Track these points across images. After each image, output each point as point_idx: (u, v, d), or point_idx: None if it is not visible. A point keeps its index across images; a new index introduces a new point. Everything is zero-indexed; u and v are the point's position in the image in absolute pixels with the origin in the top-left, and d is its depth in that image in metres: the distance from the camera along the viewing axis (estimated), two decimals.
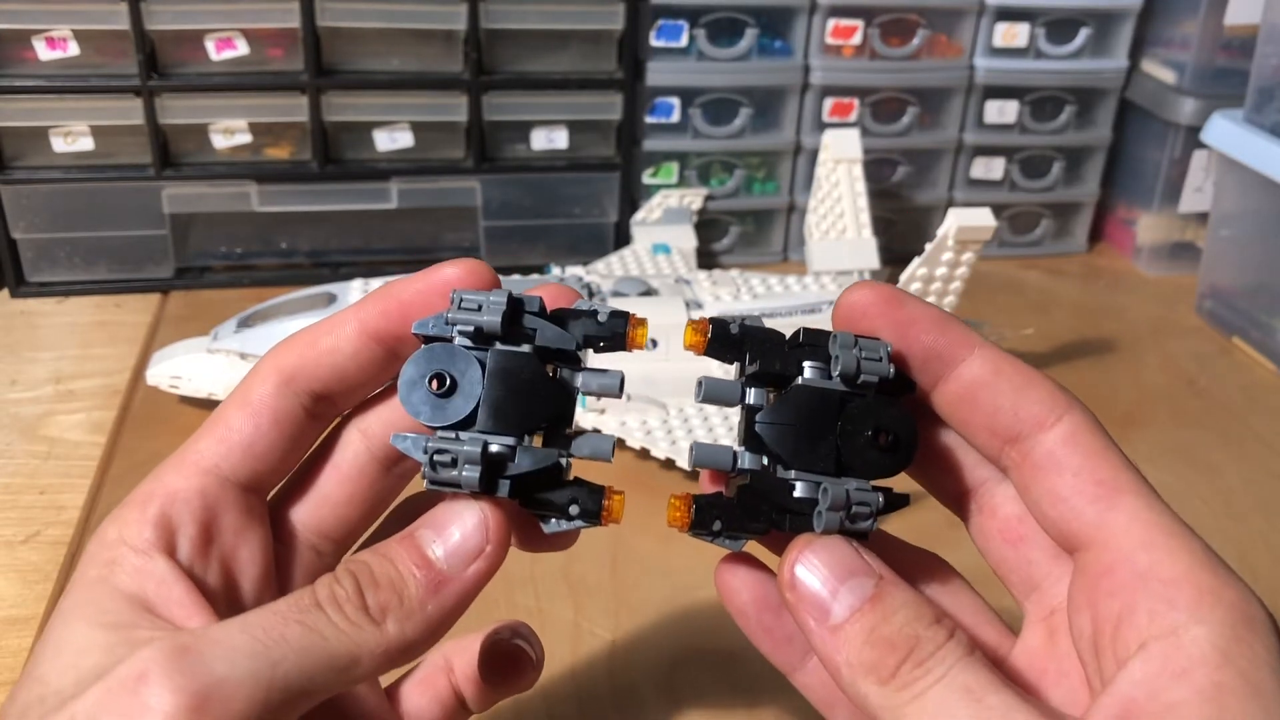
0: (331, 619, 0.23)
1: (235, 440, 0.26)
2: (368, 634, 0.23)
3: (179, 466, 0.26)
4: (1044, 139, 0.89)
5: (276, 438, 0.26)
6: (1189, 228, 0.90)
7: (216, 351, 0.63)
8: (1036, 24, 0.85)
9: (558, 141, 0.81)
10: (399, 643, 0.24)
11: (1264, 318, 0.79)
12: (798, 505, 0.25)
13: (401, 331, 0.27)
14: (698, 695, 0.47)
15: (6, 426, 0.63)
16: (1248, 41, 0.80)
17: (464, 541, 0.25)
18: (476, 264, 0.27)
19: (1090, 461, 0.25)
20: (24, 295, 0.77)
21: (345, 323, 0.27)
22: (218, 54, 0.74)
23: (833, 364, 0.25)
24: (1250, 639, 0.22)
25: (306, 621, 0.23)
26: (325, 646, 0.22)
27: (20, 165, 0.75)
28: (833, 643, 0.24)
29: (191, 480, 0.26)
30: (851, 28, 0.82)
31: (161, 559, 0.24)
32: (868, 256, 0.74)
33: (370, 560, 0.24)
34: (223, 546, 0.26)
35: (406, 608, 0.24)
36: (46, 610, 0.50)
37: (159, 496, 0.25)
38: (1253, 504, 0.62)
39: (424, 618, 0.24)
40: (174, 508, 0.25)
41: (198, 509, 0.25)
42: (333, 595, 0.23)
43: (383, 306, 0.27)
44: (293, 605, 0.23)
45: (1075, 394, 0.26)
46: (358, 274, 0.70)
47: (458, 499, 0.25)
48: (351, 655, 0.23)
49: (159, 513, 0.25)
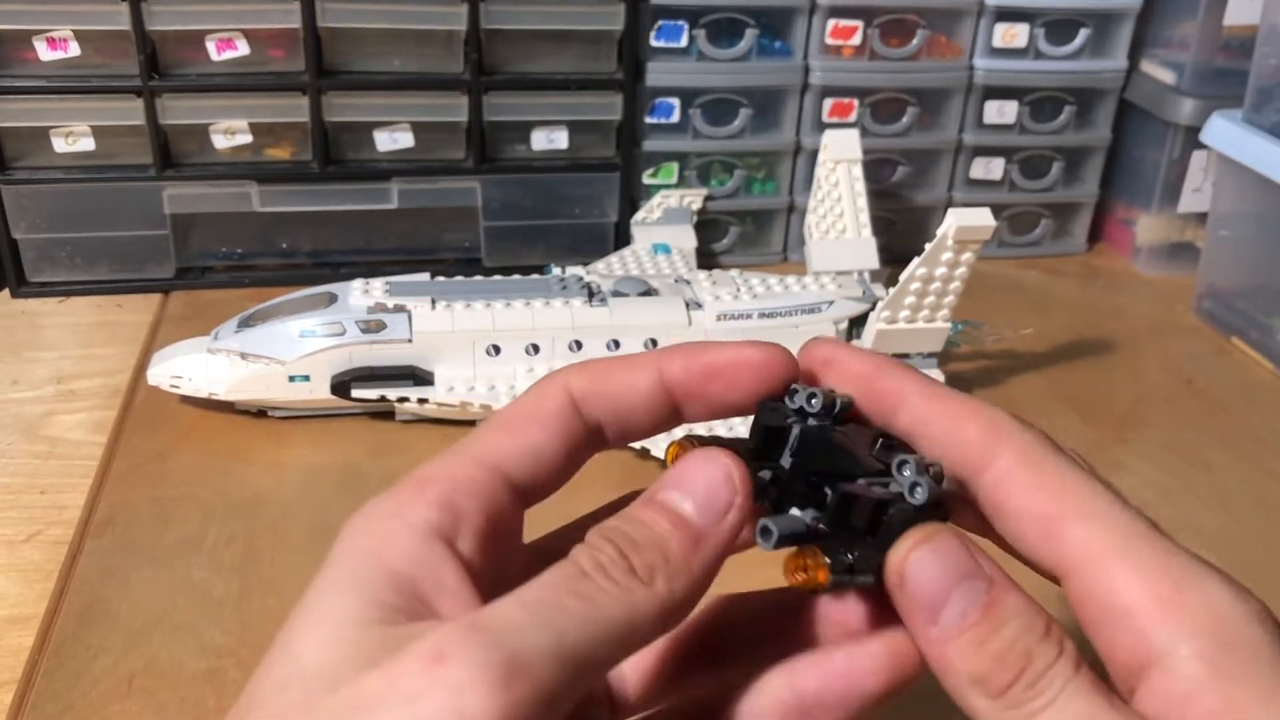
0: (602, 585, 0.22)
1: (523, 441, 0.25)
2: (640, 596, 0.22)
3: (459, 455, 0.25)
4: (1043, 139, 0.89)
5: (562, 450, 0.26)
6: (1188, 228, 0.90)
7: (217, 351, 0.63)
8: (1036, 24, 0.85)
9: (558, 142, 0.81)
10: (670, 601, 0.23)
11: (1262, 318, 0.79)
12: (882, 498, 0.24)
13: (697, 390, 0.27)
14: None
15: (7, 426, 0.63)
16: (1247, 42, 0.81)
17: (713, 495, 0.24)
18: (782, 352, 0.27)
19: (1028, 498, 0.24)
20: (25, 295, 0.77)
21: (646, 365, 0.27)
22: (218, 54, 0.74)
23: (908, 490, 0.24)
24: (1238, 639, 0.21)
25: (580, 591, 0.22)
26: (603, 614, 0.22)
27: (21, 165, 0.75)
28: (940, 649, 0.24)
29: (477, 471, 0.24)
30: (851, 28, 0.82)
31: (440, 544, 0.23)
32: (868, 256, 0.74)
33: (624, 526, 0.23)
34: (499, 544, 0.24)
35: (673, 566, 0.23)
36: (47, 610, 0.50)
37: (440, 480, 0.24)
38: (1251, 504, 0.63)
39: (689, 575, 0.23)
40: (458, 495, 0.24)
41: (486, 503, 0.24)
42: (598, 562, 0.22)
43: (687, 363, 0.27)
44: (561, 577, 0.22)
45: (1023, 412, 0.26)
46: (358, 274, 0.70)
47: (693, 456, 0.25)
48: (629, 620, 0.22)
49: (442, 496, 0.23)
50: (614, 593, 0.22)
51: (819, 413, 0.25)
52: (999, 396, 0.71)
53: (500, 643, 0.20)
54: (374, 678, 0.20)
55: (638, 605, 0.22)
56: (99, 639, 0.49)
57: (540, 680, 0.20)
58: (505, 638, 0.20)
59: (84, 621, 0.50)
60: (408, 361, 0.63)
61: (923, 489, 0.24)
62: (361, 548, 0.23)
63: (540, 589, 0.22)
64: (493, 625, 0.20)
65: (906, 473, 0.24)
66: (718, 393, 0.26)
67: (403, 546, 0.23)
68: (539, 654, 0.20)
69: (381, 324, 0.63)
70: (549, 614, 0.21)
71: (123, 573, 0.53)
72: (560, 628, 0.21)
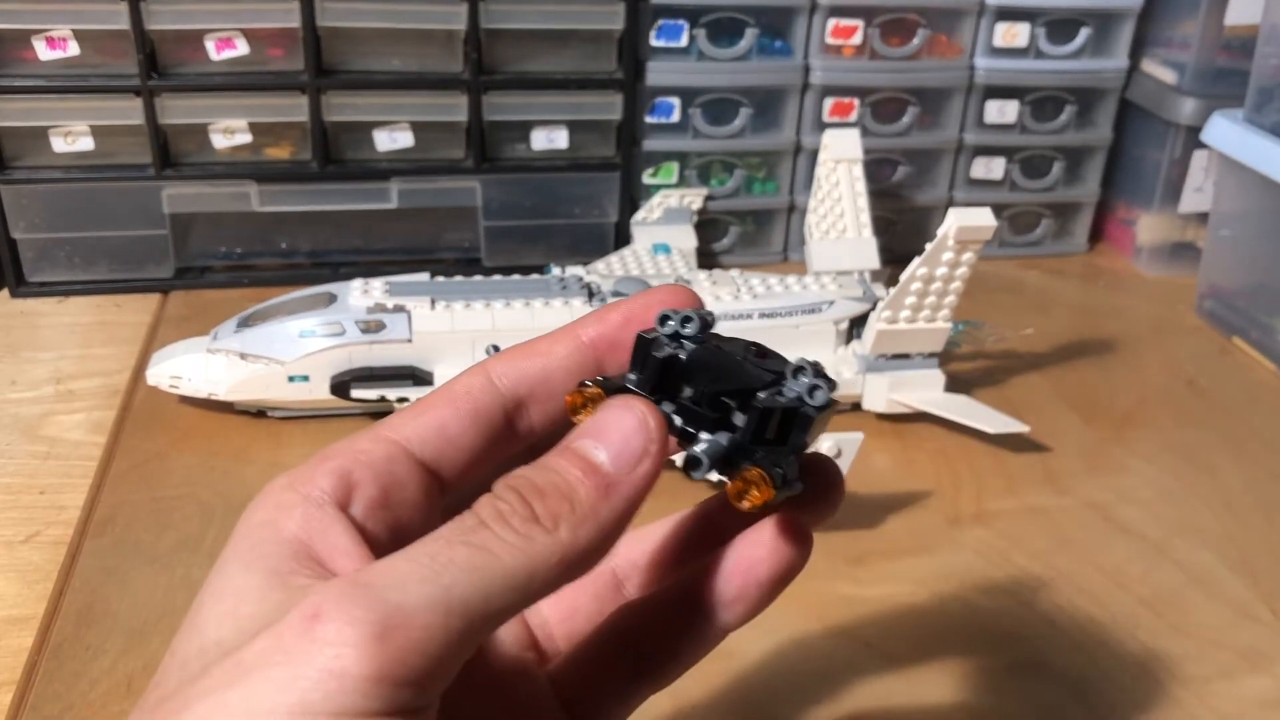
0: (499, 534, 0.22)
1: (430, 418, 0.25)
2: (540, 543, 0.22)
3: (366, 434, 0.25)
4: (1044, 139, 0.89)
5: (470, 426, 0.26)
6: (1189, 228, 0.90)
7: (216, 351, 0.63)
8: (1036, 24, 0.85)
9: (558, 141, 0.81)
10: (574, 549, 0.23)
11: (1264, 318, 0.79)
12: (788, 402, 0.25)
13: (614, 338, 0.27)
14: (696, 694, 0.47)
15: (7, 426, 0.63)
16: (1248, 41, 0.80)
17: (627, 442, 0.24)
18: (685, 291, 0.27)
19: None
20: (24, 295, 0.77)
21: (563, 333, 0.27)
22: (218, 54, 0.74)
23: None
24: None
25: (473, 541, 0.22)
26: (497, 563, 0.22)
27: (20, 165, 0.75)
28: None
29: (375, 445, 0.25)
30: (851, 28, 0.82)
31: (333, 508, 0.23)
32: (868, 256, 0.74)
33: (530, 474, 0.24)
34: (398, 514, 0.24)
35: (579, 514, 0.23)
36: (47, 610, 0.50)
37: (342, 454, 0.24)
38: (1253, 504, 0.62)
39: (597, 522, 0.23)
40: (356, 465, 0.24)
41: (381, 472, 0.24)
42: (497, 512, 0.22)
43: (599, 316, 0.27)
44: (455, 528, 0.22)
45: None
46: (358, 274, 0.70)
47: (611, 407, 0.25)
48: (527, 568, 0.22)
49: (339, 466, 0.24)
50: (512, 541, 0.22)
51: (696, 334, 0.26)
52: (999, 397, 0.71)
53: (378, 597, 0.20)
54: (261, 639, 0.20)
55: (537, 553, 0.22)
56: (98, 639, 0.49)
57: (423, 632, 0.20)
58: (384, 591, 0.20)
59: (83, 622, 0.50)
60: (407, 362, 0.63)
61: (822, 390, 0.25)
62: (258, 521, 0.23)
63: (431, 541, 0.22)
64: (373, 580, 0.21)
65: (804, 378, 0.25)
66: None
67: (296, 515, 0.23)
68: (421, 605, 0.20)
69: (381, 324, 0.63)
70: (436, 566, 0.21)
71: (122, 573, 0.53)
72: (447, 579, 0.21)
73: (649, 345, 0.26)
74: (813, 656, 0.50)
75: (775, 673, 0.49)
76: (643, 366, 0.26)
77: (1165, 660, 0.51)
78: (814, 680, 0.49)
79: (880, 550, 0.57)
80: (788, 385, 0.25)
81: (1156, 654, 0.51)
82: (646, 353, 0.25)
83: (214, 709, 0.20)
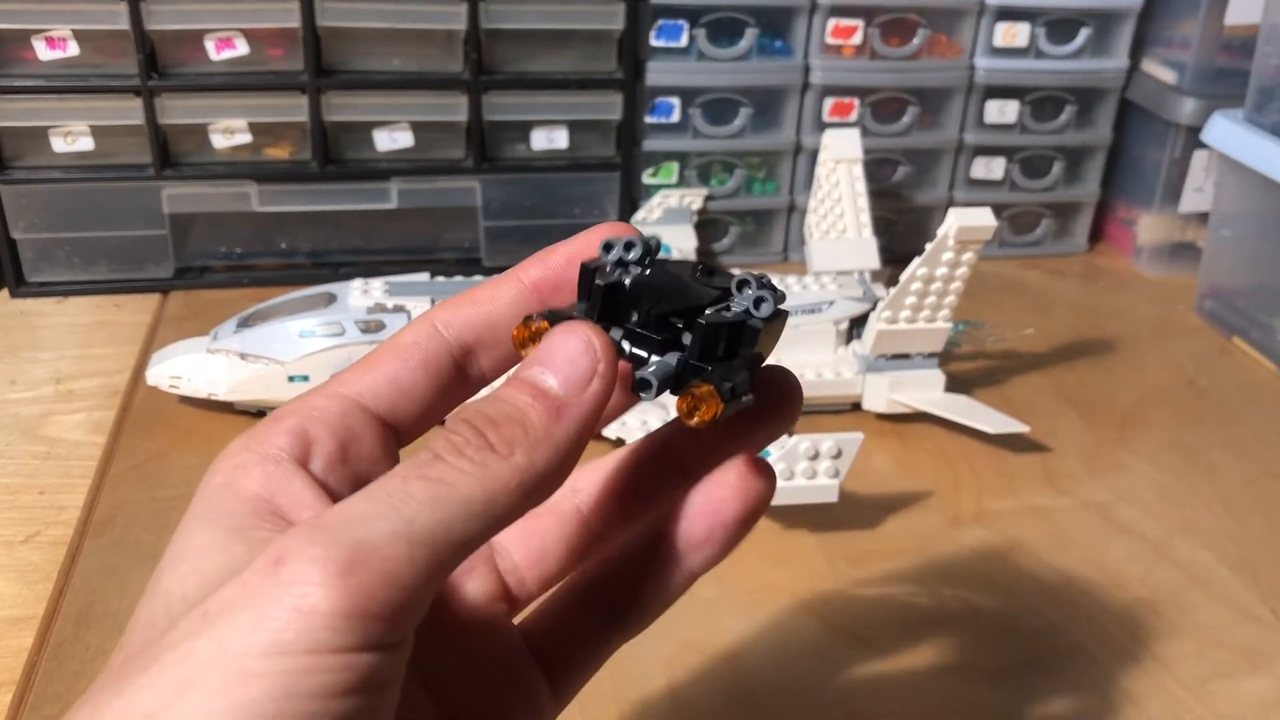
0: (455, 465, 0.22)
1: (380, 372, 0.26)
2: (497, 469, 0.22)
3: (318, 391, 0.25)
4: (1044, 139, 0.89)
5: (422, 377, 0.26)
6: (1189, 228, 0.90)
7: (216, 351, 0.63)
8: (1036, 24, 0.85)
9: (558, 141, 0.81)
10: (531, 473, 0.23)
11: (1264, 318, 0.79)
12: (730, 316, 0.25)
13: (558, 278, 0.27)
14: (696, 692, 0.47)
15: (6, 426, 0.63)
16: (1248, 41, 0.80)
17: (574, 365, 0.24)
18: (626, 225, 0.27)
19: None
20: (24, 295, 0.77)
21: (504, 277, 0.27)
22: (218, 54, 0.74)
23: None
24: None
25: (429, 474, 0.22)
26: (456, 493, 0.22)
27: (20, 165, 0.75)
28: None
29: (332, 402, 0.25)
30: (851, 28, 0.82)
31: (291, 464, 0.23)
32: (868, 256, 0.74)
33: (481, 405, 0.24)
34: (357, 468, 0.25)
35: (533, 438, 0.23)
36: (46, 610, 0.50)
37: (296, 413, 0.24)
38: (1253, 504, 0.62)
39: (552, 445, 0.23)
40: (311, 422, 0.24)
41: (337, 427, 0.24)
42: (450, 444, 0.22)
43: (541, 257, 0.27)
44: (411, 465, 0.22)
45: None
46: (358, 274, 0.70)
47: (555, 333, 0.25)
48: (486, 495, 0.22)
49: (295, 424, 0.24)
50: (468, 470, 0.22)
51: (641, 259, 0.25)
52: (999, 397, 0.71)
53: (340, 535, 0.20)
54: (225, 589, 0.20)
55: (495, 479, 0.22)
56: (98, 639, 0.49)
57: (389, 564, 0.20)
58: (346, 529, 0.20)
59: (83, 622, 0.50)
60: None
61: (767, 303, 0.25)
62: (217, 483, 0.23)
63: (387, 479, 0.22)
64: (333, 521, 0.21)
65: (749, 291, 0.25)
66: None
67: (255, 473, 0.23)
68: (384, 539, 0.20)
69: (381, 324, 0.63)
70: (395, 501, 0.21)
71: (122, 573, 0.53)
72: (408, 512, 0.21)
73: (593, 274, 0.25)
74: (813, 655, 0.50)
75: (776, 672, 0.49)
76: (588, 295, 0.25)
77: (1165, 660, 0.51)
78: (814, 679, 0.49)
79: (880, 550, 0.57)
80: (735, 300, 0.25)
81: (1156, 654, 0.51)
82: (591, 281, 0.25)
83: (183, 657, 0.19)
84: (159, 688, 0.19)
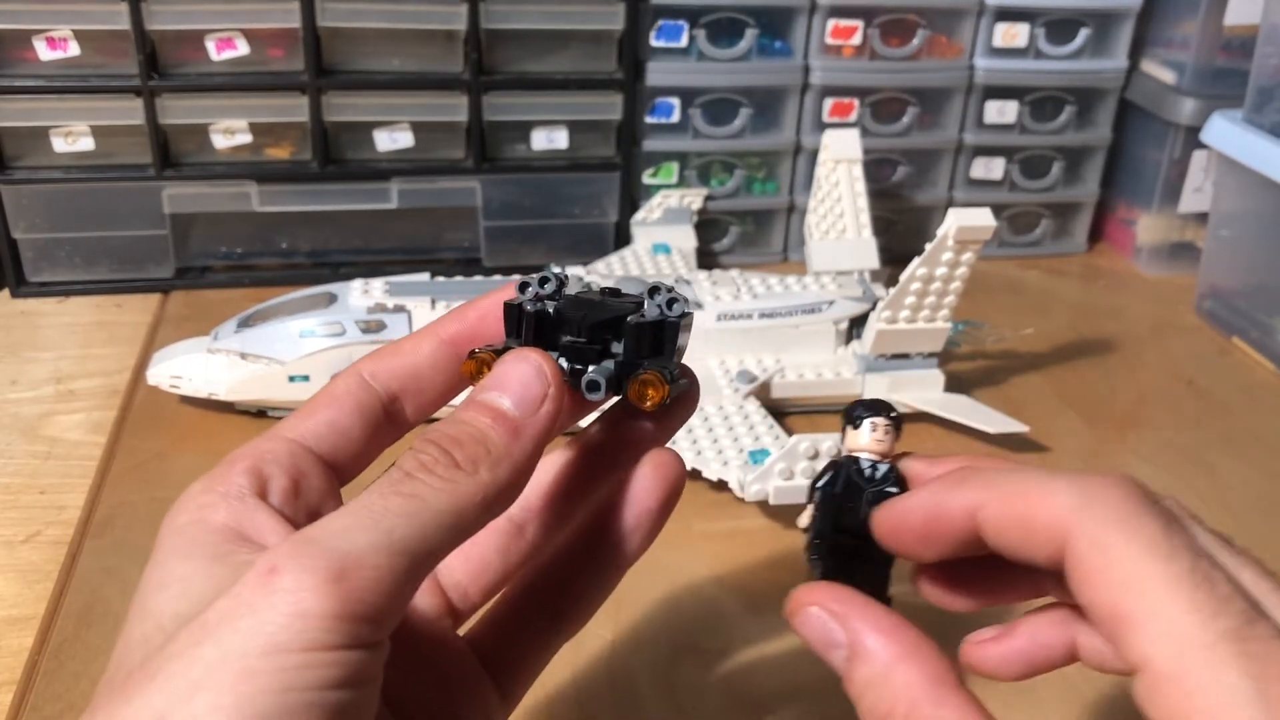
0: (427, 482, 0.24)
1: (320, 417, 0.28)
2: (464, 485, 0.25)
3: (265, 437, 0.27)
4: (1044, 139, 0.89)
5: (358, 422, 0.28)
6: (1189, 228, 0.90)
7: (217, 351, 0.63)
8: (1036, 24, 0.85)
9: (558, 141, 0.81)
10: (495, 487, 0.25)
11: (1264, 318, 0.79)
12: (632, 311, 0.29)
13: (473, 333, 0.29)
14: (697, 693, 0.47)
15: (7, 426, 0.63)
16: (1248, 41, 0.80)
17: (527, 389, 0.27)
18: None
19: (1094, 593, 0.23)
20: (24, 295, 0.77)
21: (424, 333, 0.30)
22: (218, 54, 0.74)
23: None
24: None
25: (404, 490, 0.24)
26: (428, 507, 0.24)
27: (21, 165, 0.75)
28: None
29: (279, 445, 0.27)
30: (851, 28, 0.82)
31: (253, 499, 0.26)
32: (868, 256, 0.74)
33: (445, 428, 0.26)
34: (308, 501, 0.27)
35: (494, 455, 0.26)
36: (47, 610, 0.50)
37: (248, 456, 0.27)
38: (1252, 504, 0.63)
39: (511, 462, 0.26)
40: (264, 463, 0.26)
41: (288, 466, 0.27)
42: (420, 463, 0.25)
43: (457, 314, 0.30)
44: (385, 483, 0.24)
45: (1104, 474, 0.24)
46: (358, 274, 0.70)
47: (505, 359, 0.27)
48: (454, 508, 0.24)
49: (250, 465, 0.26)
50: (439, 485, 0.24)
51: (555, 292, 0.29)
52: (999, 396, 0.71)
53: (328, 547, 0.22)
54: (222, 602, 0.22)
55: (462, 494, 0.25)
56: (99, 640, 0.49)
57: (375, 572, 0.22)
58: (332, 541, 0.22)
59: (84, 622, 0.50)
60: None
61: (679, 302, 0.29)
62: (185, 521, 0.25)
63: (365, 496, 0.24)
64: (319, 535, 0.23)
65: (660, 296, 0.29)
66: (494, 331, 0.29)
67: (221, 509, 0.25)
68: (369, 550, 0.22)
69: (381, 324, 0.63)
70: (375, 515, 0.23)
71: (122, 573, 0.53)
72: (387, 525, 0.23)
73: (518, 310, 0.28)
74: (813, 656, 0.50)
75: (774, 671, 0.49)
76: (518, 329, 0.29)
77: None
78: (814, 678, 0.49)
79: None
80: (648, 306, 0.29)
81: None
82: (519, 316, 0.29)
83: (189, 663, 0.21)
84: (168, 691, 0.21)
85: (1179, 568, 0.22)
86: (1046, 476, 0.25)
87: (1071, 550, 0.23)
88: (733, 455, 0.59)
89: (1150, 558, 0.22)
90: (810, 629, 0.27)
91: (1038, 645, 0.28)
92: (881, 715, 0.25)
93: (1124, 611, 0.22)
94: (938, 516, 0.26)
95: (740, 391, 0.65)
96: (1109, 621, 0.22)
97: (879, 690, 0.25)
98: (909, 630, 0.26)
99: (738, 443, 0.60)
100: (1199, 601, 0.21)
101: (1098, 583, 0.22)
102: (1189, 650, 0.21)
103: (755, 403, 0.64)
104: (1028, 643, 0.28)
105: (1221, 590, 0.21)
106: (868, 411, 0.29)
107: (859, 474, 0.29)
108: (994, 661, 0.29)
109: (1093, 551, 0.23)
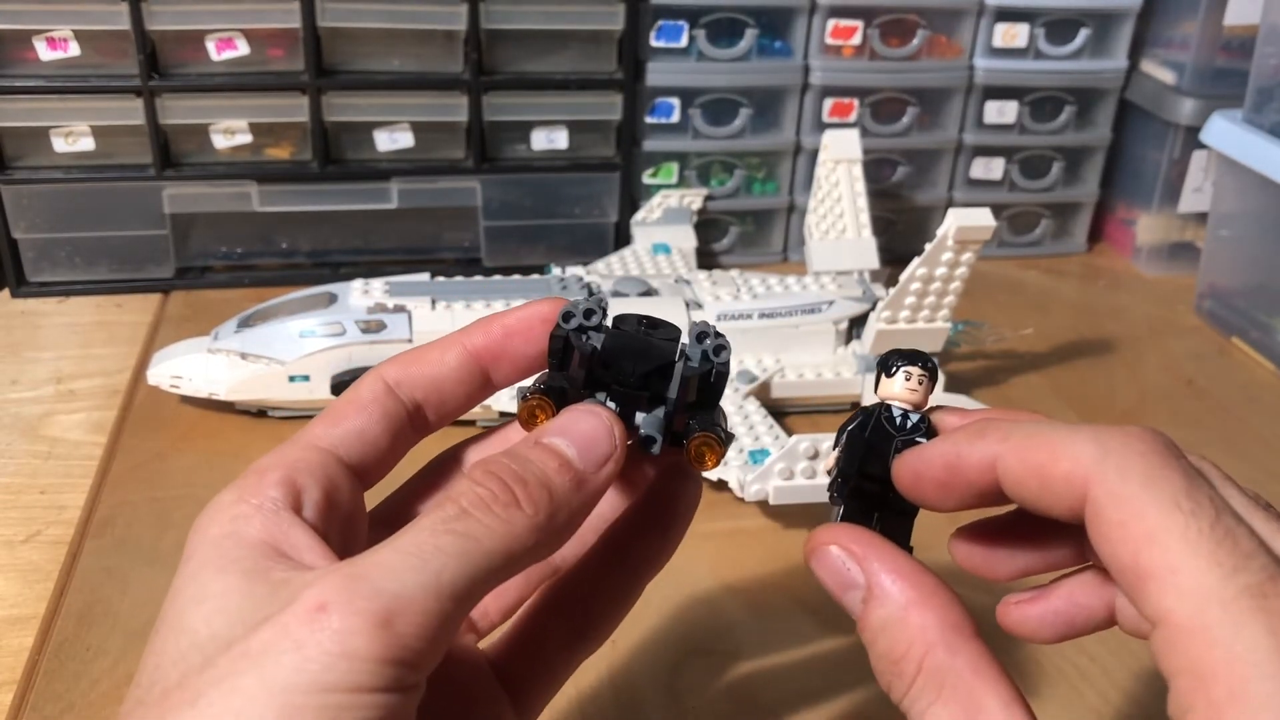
0: (482, 520, 0.24)
1: (349, 426, 0.28)
2: (519, 526, 0.24)
3: (294, 445, 0.27)
4: (1044, 139, 0.89)
5: (383, 431, 0.28)
6: (1188, 228, 0.90)
7: (217, 351, 0.63)
8: (1036, 24, 0.85)
9: (558, 142, 0.81)
10: (549, 532, 0.25)
11: (1263, 318, 0.79)
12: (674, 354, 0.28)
13: (500, 351, 0.29)
14: (698, 695, 0.47)
15: (7, 426, 0.63)
16: (1247, 41, 0.81)
17: (596, 447, 0.26)
18: (559, 299, 0.29)
19: (1112, 547, 0.22)
20: (25, 295, 0.77)
21: (450, 342, 0.29)
22: (218, 54, 0.74)
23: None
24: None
25: (457, 529, 0.24)
26: (480, 547, 0.23)
27: (21, 165, 0.75)
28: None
29: (311, 454, 0.27)
30: (851, 28, 0.82)
31: (288, 513, 0.25)
32: (868, 256, 0.74)
33: (509, 463, 0.25)
34: (340, 513, 0.27)
35: (556, 502, 0.25)
36: (47, 610, 0.50)
37: (278, 466, 0.26)
38: None
39: (570, 512, 0.25)
40: (297, 473, 0.26)
41: (320, 478, 0.26)
42: (479, 498, 0.24)
43: (484, 327, 0.29)
44: (439, 519, 0.24)
45: (1116, 428, 0.24)
46: (358, 274, 0.70)
47: (577, 409, 0.27)
48: (506, 549, 0.24)
49: (283, 476, 0.26)
50: (492, 525, 0.24)
51: (599, 324, 0.28)
52: (999, 396, 0.71)
53: (378, 588, 0.22)
54: (265, 630, 0.22)
55: (516, 535, 0.24)
56: (99, 640, 0.49)
57: (422, 615, 0.22)
58: (382, 582, 0.22)
59: (84, 622, 0.50)
60: None
61: (727, 349, 0.28)
62: (218, 534, 0.25)
63: (417, 532, 0.23)
64: (369, 573, 0.22)
65: (706, 343, 0.28)
66: (519, 349, 0.29)
67: (255, 523, 0.25)
68: (417, 592, 0.22)
69: (381, 324, 0.63)
70: (425, 555, 0.23)
71: (122, 573, 0.53)
72: (437, 566, 0.23)
73: (564, 342, 0.28)
74: (812, 654, 0.50)
75: (776, 670, 0.49)
76: (561, 363, 0.28)
77: None
78: (814, 678, 0.49)
79: None
80: (690, 348, 0.28)
81: None
82: (565, 351, 0.28)
83: (229, 693, 0.21)
84: (208, 718, 0.21)
85: (1201, 522, 0.21)
86: (1069, 429, 0.24)
87: (1091, 503, 0.23)
88: (732, 455, 0.59)
89: (1172, 511, 0.22)
90: (827, 568, 0.26)
91: (1076, 606, 0.27)
92: (895, 659, 0.24)
93: (1144, 565, 0.21)
94: (958, 465, 0.26)
95: (740, 391, 0.65)
96: (1128, 575, 0.22)
97: (894, 633, 0.25)
98: (928, 575, 0.26)
99: (738, 443, 0.60)
100: (1220, 557, 0.21)
101: (1117, 536, 0.22)
102: (1209, 605, 0.20)
103: (755, 403, 0.64)
104: (1066, 603, 0.27)
105: (1244, 546, 0.21)
106: (903, 360, 0.28)
107: (889, 421, 0.28)
108: (1033, 623, 0.28)
109: (1112, 504, 0.22)
